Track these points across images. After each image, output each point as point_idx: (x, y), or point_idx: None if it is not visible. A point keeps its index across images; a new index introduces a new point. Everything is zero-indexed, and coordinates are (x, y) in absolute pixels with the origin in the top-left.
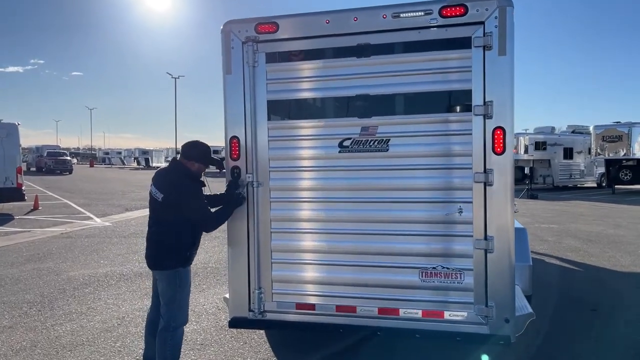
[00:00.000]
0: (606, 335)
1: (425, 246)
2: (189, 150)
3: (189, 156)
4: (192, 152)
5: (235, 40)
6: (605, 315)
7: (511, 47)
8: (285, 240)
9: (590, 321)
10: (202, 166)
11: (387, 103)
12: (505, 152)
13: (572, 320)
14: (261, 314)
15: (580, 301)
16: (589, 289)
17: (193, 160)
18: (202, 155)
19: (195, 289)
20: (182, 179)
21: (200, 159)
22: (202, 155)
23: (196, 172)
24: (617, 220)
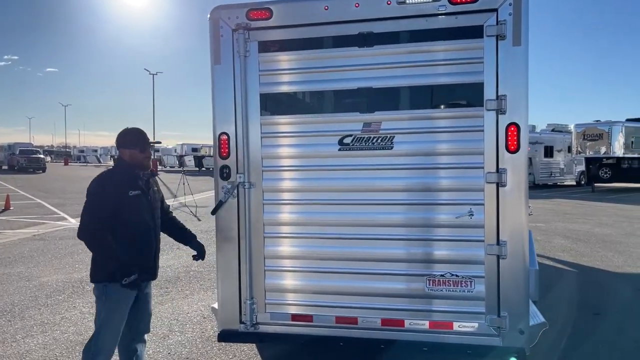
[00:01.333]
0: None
1: (432, 252)
2: (120, 138)
3: (119, 144)
4: (122, 139)
5: (224, 27)
6: (609, 320)
7: (526, 37)
8: (280, 246)
9: (597, 326)
10: (136, 152)
11: (392, 97)
12: (519, 150)
13: (579, 326)
14: (253, 326)
15: (581, 305)
16: (588, 291)
17: (124, 148)
18: (133, 140)
19: (178, 295)
20: (94, 178)
21: (132, 144)
22: (132, 140)
23: (132, 161)
24: (601, 219)
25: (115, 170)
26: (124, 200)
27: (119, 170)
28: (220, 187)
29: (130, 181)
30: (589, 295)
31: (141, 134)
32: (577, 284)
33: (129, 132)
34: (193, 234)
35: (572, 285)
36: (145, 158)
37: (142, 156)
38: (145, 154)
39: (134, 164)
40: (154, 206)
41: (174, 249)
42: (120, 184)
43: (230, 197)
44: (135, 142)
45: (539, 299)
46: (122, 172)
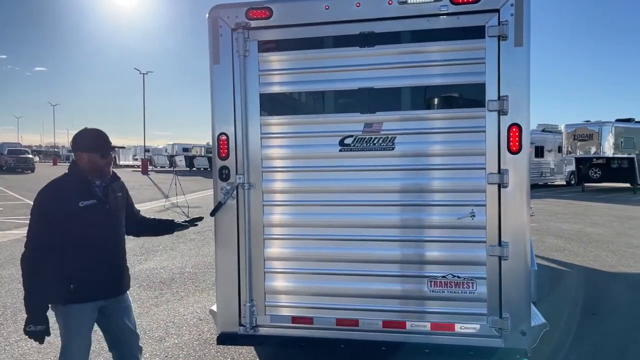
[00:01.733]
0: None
1: (434, 253)
2: (77, 140)
3: (76, 147)
4: (80, 141)
5: (223, 27)
6: (607, 320)
7: (528, 38)
8: (280, 247)
9: (595, 327)
10: (96, 158)
11: (393, 97)
12: (521, 151)
13: (577, 326)
14: (253, 329)
15: (578, 305)
16: (584, 291)
17: (81, 151)
18: (94, 143)
19: (173, 297)
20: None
21: (92, 148)
22: (93, 143)
23: (91, 167)
24: (592, 219)
25: (66, 179)
26: (73, 214)
27: (69, 179)
28: (219, 188)
29: (83, 190)
30: (585, 295)
31: (103, 136)
32: (572, 284)
33: (89, 133)
34: (170, 219)
35: (568, 285)
36: (106, 164)
37: (104, 162)
38: (107, 159)
39: (92, 170)
40: (116, 215)
41: (167, 250)
42: (68, 195)
43: (230, 198)
44: (97, 145)
45: (537, 300)
46: (74, 181)
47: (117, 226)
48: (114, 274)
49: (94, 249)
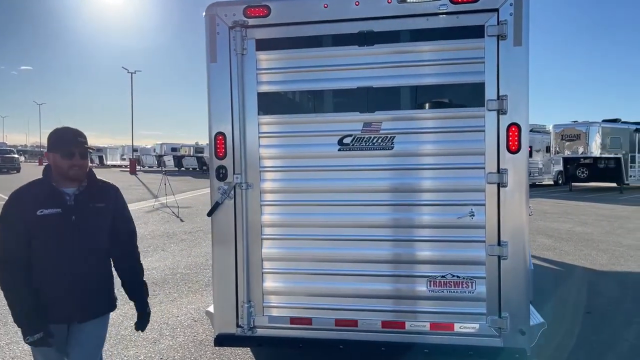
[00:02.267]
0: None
1: (433, 253)
2: (48, 140)
3: (48, 147)
4: (48, 140)
5: (221, 24)
6: (602, 319)
7: (527, 37)
8: (278, 247)
9: (591, 326)
10: (56, 157)
11: (392, 97)
12: (520, 151)
13: (574, 325)
14: (251, 330)
15: (573, 304)
16: (577, 290)
17: (49, 152)
18: (52, 139)
19: (165, 298)
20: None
21: (51, 146)
22: (52, 140)
23: (56, 170)
24: (581, 218)
25: (34, 183)
26: (31, 223)
27: (37, 183)
28: (217, 188)
29: (48, 197)
30: (579, 294)
31: (68, 133)
32: (565, 282)
33: (54, 131)
34: (143, 292)
35: (561, 284)
36: (70, 167)
37: (67, 164)
38: (71, 161)
39: (57, 173)
40: (87, 229)
41: (158, 250)
42: (28, 201)
43: (227, 198)
44: (58, 143)
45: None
46: (41, 186)
47: (87, 241)
48: (77, 296)
49: (51, 265)
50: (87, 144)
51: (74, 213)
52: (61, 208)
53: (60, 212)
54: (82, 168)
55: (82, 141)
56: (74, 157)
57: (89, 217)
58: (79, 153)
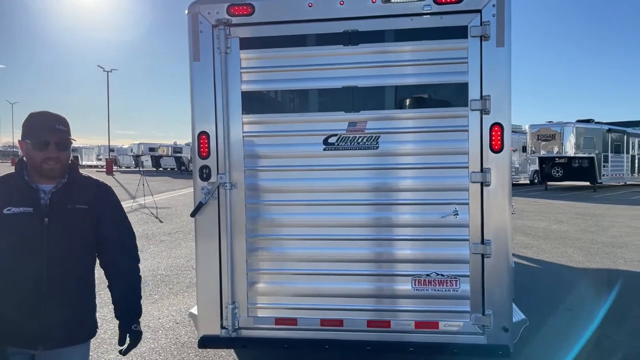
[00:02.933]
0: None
1: (418, 252)
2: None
3: (21, 135)
4: (22, 126)
5: (204, 23)
6: (582, 316)
7: (509, 38)
8: (263, 248)
9: (572, 323)
10: (32, 149)
11: (377, 96)
12: (503, 150)
13: (555, 322)
14: (235, 331)
15: (553, 301)
16: (556, 287)
17: (22, 140)
18: (29, 128)
19: (146, 300)
20: None
21: (26, 134)
22: (28, 128)
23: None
24: (557, 216)
25: (3, 177)
26: None
27: (9, 178)
28: (200, 188)
29: (16, 193)
30: (557, 291)
31: (43, 120)
32: (544, 280)
33: (29, 116)
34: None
35: (540, 282)
36: (44, 160)
37: (40, 157)
38: (44, 152)
39: (31, 166)
40: (62, 232)
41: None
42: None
43: (211, 198)
44: (30, 132)
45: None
46: (10, 180)
47: (60, 249)
48: (44, 315)
49: (15, 275)
50: (69, 133)
51: (47, 214)
52: (33, 207)
53: (31, 211)
54: (58, 162)
55: (61, 129)
56: (49, 147)
57: (66, 220)
58: (55, 143)
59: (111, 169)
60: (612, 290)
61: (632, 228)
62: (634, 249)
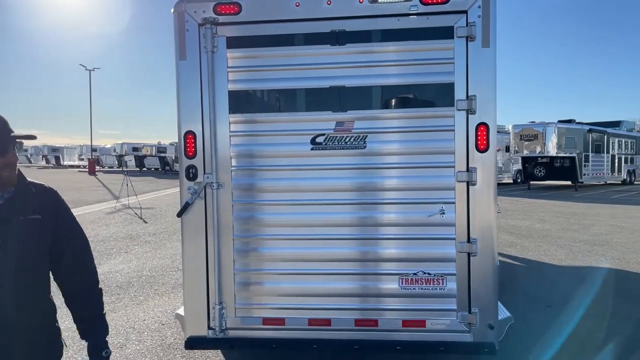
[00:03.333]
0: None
1: (405, 251)
2: None
3: None
4: None
5: (190, 21)
6: (562, 312)
7: (494, 39)
8: (250, 248)
9: (553, 319)
10: None
11: (364, 96)
12: (489, 150)
13: (535, 318)
14: (223, 332)
15: (534, 298)
16: (538, 284)
17: None
18: None
19: (131, 302)
20: None
21: None
22: None
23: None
24: (539, 215)
25: None
26: None
27: None
28: (186, 188)
29: None
30: (539, 288)
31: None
32: (527, 277)
33: None
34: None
35: (523, 279)
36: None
37: None
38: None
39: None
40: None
41: (122, 253)
42: None
43: (197, 198)
44: None
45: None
46: None
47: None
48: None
49: None
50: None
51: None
52: None
53: None
54: (8, 167)
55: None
56: (8, 154)
57: (18, 232)
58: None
59: (94, 169)
60: (594, 288)
61: (613, 226)
62: (615, 247)
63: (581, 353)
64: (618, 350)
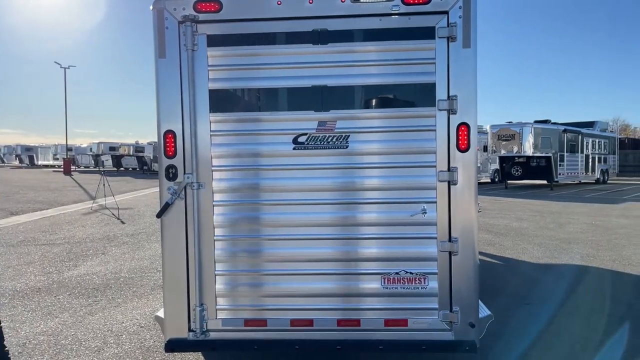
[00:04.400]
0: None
1: (387, 250)
2: None
3: None
4: None
5: (169, 19)
6: (540, 309)
7: (475, 40)
8: (231, 248)
9: (531, 316)
10: None
11: (347, 96)
12: (469, 149)
13: (514, 316)
14: (204, 334)
15: (513, 296)
16: (516, 282)
17: None
18: None
19: (109, 304)
20: None
21: None
22: None
23: None
24: (517, 214)
25: None
26: None
27: None
28: (166, 188)
29: None
30: (517, 285)
31: None
32: (503, 275)
33: None
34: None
35: (502, 277)
36: None
37: None
38: None
39: None
40: None
41: (99, 254)
42: None
43: (177, 198)
44: None
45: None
46: None
47: None
48: None
49: None
50: None
51: None
52: None
53: None
54: None
55: None
56: None
57: None
58: None
59: (69, 169)
60: (570, 285)
61: (587, 225)
62: (589, 245)
63: (559, 349)
64: (594, 345)
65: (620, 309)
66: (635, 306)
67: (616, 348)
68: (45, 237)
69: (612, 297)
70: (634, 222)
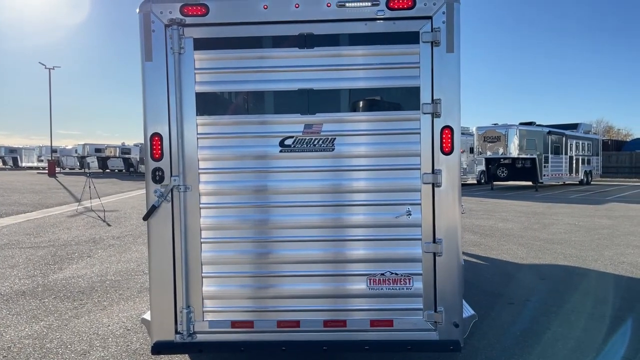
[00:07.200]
0: (531, 329)
1: (373, 251)
2: None
3: None
4: None
5: (156, 22)
6: (523, 308)
7: (458, 45)
8: (218, 251)
9: (514, 315)
10: None
11: (332, 99)
12: (453, 152)
13: (497, 315)
14: (190, 336)
15: (496, 295)
16: (500, 282)
17: None
18: None
19: (95, 307)
20: None
21: None
22: None
23: None
24: (502, 215)
25: None
26: None
27: None
28: (153, 191)
29: None
30: (501, 285)
31: None
32: (488, 275)
33: None
34: None
35: (486, 278)
36: None
37: None
38: None
39: None
40: None
41: (84, 257)
42: None
43: (164, 201)
44: None
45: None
46: None
47: None
48: None
49: None
50: None
51: None
52: None
53: None
54: None
55: None
56: None
57: None
58: None
59: (54, 171)
60: (553, 284)
61: (571, 225)
62: (573, 245)
63: (542, 348)
64: (577, 344)
65: (601, 307)
66: (616, 304)
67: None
68: (30, 240)
69: (594, 296)
70: (616, 223)
